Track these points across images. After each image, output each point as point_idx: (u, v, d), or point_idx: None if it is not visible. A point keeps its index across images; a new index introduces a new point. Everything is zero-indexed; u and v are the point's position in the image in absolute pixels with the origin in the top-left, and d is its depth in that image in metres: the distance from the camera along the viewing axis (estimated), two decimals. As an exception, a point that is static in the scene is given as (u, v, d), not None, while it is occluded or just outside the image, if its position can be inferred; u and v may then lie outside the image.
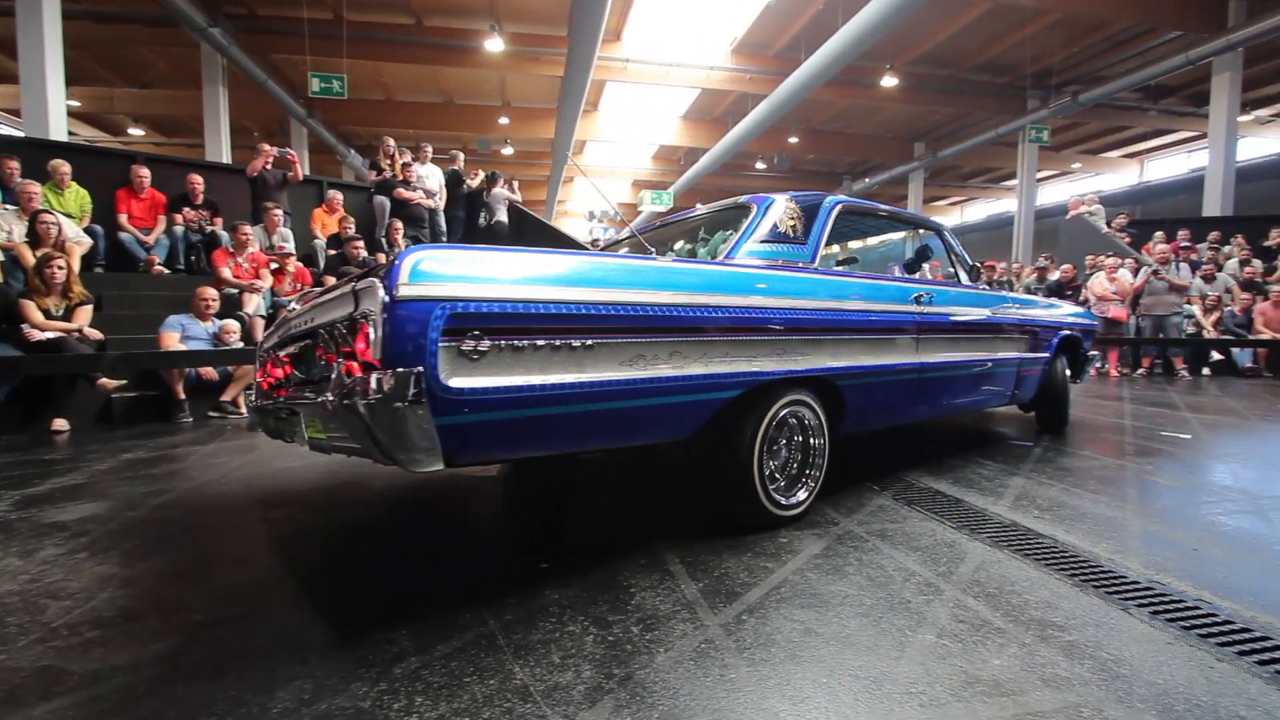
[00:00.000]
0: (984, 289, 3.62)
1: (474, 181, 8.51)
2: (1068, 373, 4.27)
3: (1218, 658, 1.40)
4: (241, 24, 13.23)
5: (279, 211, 6.75)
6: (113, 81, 16.38)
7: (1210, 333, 8.00)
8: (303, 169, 7.85)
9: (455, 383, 1.50)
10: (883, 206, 3.27)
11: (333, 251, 6.60)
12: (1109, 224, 10.66)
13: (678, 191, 22.38)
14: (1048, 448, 3.68)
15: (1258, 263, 9.02)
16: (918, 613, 1.63)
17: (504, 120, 18.49)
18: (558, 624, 1.58)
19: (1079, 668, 1.36)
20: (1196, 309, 8.10)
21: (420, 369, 1.45)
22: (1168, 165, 23.11)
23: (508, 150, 20.31)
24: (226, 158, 13.42)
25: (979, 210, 30.78)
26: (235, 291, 5.79)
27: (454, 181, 8.51)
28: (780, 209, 2.59)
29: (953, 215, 32.67)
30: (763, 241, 2.48)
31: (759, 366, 2.16)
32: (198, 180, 6.76)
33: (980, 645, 1.46)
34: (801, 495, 2.38)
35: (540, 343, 1.64)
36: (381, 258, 7.10)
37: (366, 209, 7.90)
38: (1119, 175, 24.48)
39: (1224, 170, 13.23)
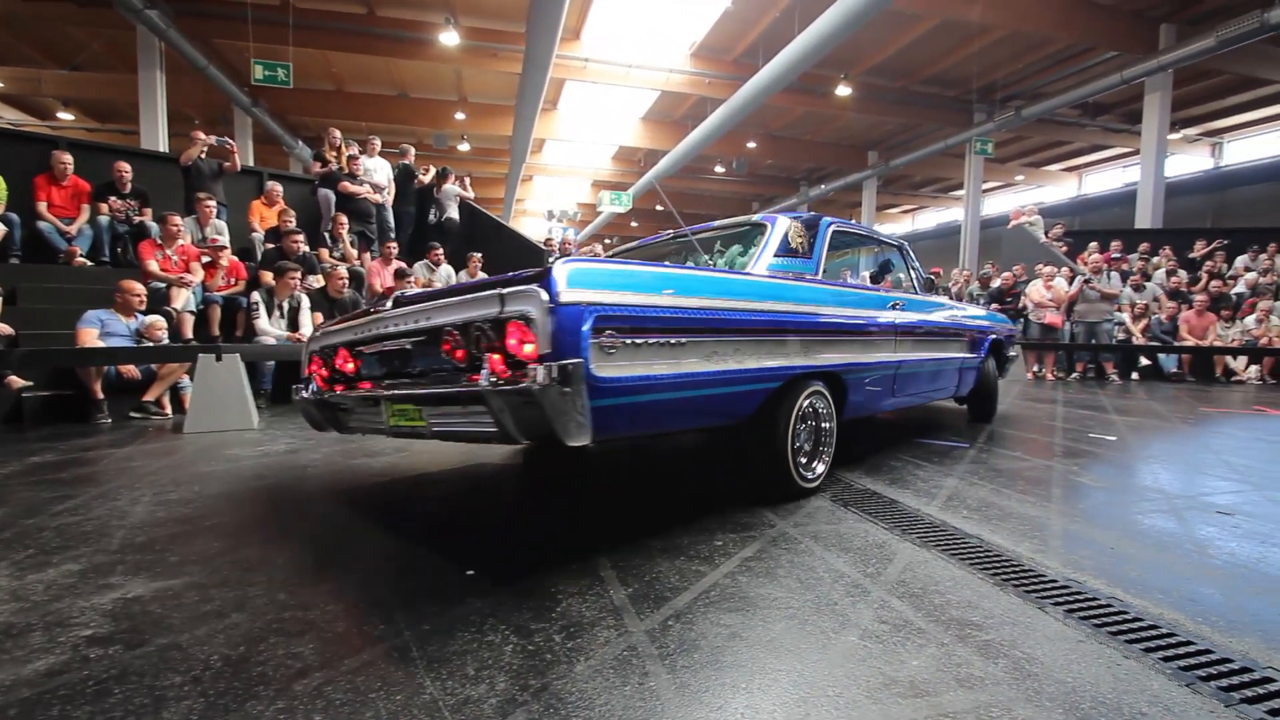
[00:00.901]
0: (939, 298, 4.17)
1: (425, 177, 8.31)
2: (995, 371, 4.90)
3: (1125, 655, 1.44)
4: (181, 6, 12.64)
5: (213, 202, 6.45)
6: (41, 62, 15.46)
7: (1139, 339, 8.41)
8: (247, 160, 7.54)
9: (600, 373, 1.79)
10: (861, 227, 3.74)
11: (271, 245, 6.34)
12: (1046, 234, 11.11)
13: (637, 193, 22.40)
14: (982, 449, 3.78)
15: (1183, 273, 9.53)
16: (843, 614, 1.63)
17: (460, 115, 18.17)
18: (477, 634, 1.53)
19: (993, 667, 1.38)
20: (1126, 316, 8.50)
21: (579, 360, 1.73)
22: (1104, 179, 24.27)
23: (464, 146, 19.97)
24: (163, 146, 12.80)
25: (930, 218, 31.74)
26: (163, 286, 5.50)
27: (405, 176, 8.30)
28: (789, 227, 2.99)
29: (904, 223, 33.61)
30: (777, 255, 2.86)
31: (794, 362, 2.59)
32: (125, 168, 6.41)
33: (900, 646, 1.47)
34: (819, 469, 2.80)
35: (651, 340, 1.96)
36: (325, 253, 6.87)
37: (311, 202, 7.63)
38: (1059, 187, 25.60)
39: (1154, 185, 13.96)
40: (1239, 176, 18.86)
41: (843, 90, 15.64)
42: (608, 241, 30.18)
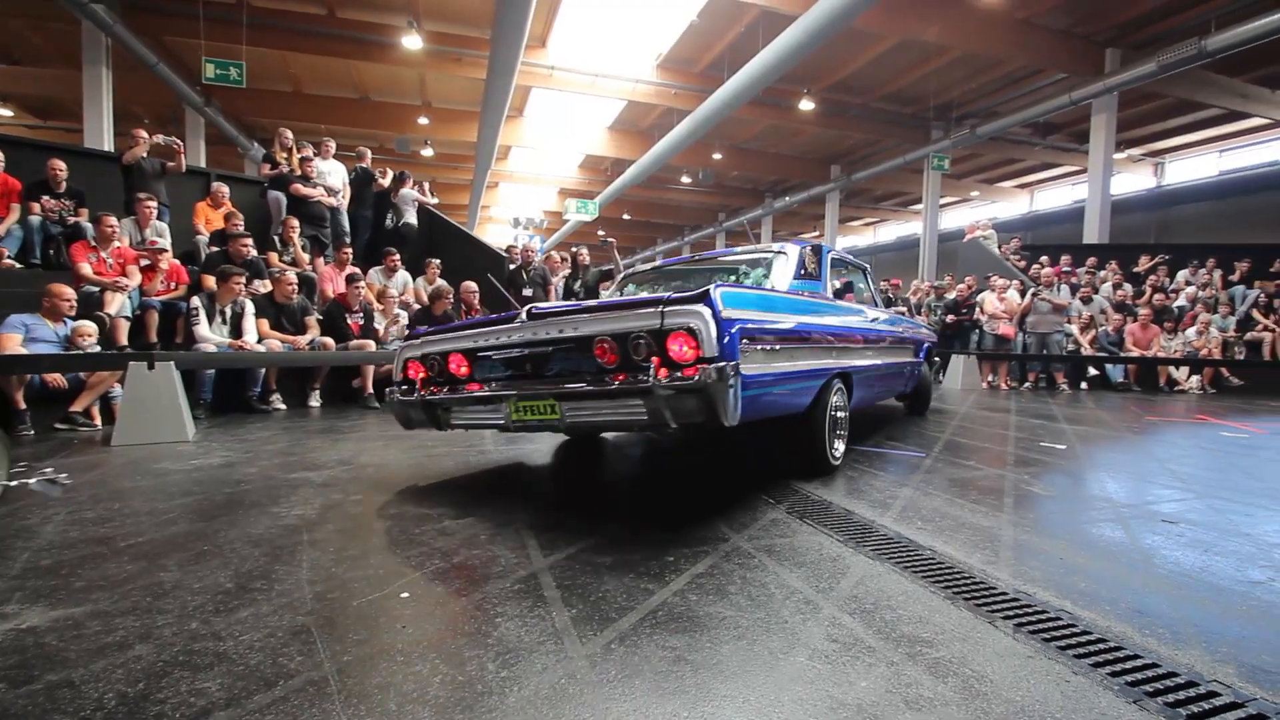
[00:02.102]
0: (896, 311, 5.51)
1: (384, 180, 8.11)
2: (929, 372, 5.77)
3: (1074, 670, 1.41)
4: (130, 1, 12.19)
5: (153, 203, 6.16)
6: (-24, 55, 14.71)
7: (1087, 350, 8.68)
8: (198, 161, 7.25)
9: (745, 371, 2.30)
10: (846, 254, 4.51)
11: (215, 249, 6.08)
12: (1000, 248, 11.43)
13: (603, 202, 22.38)
14: (937, 459, 3.80)
15: (1128, 287, 9.89)
16: (793, 633, 1.57)
17: (424, 120, 17.90)
18: (404, 663, 1.42)
19: (942, 687, 1.33)
20: (1075, 328, 8.76)
21: (735, 361, 2.24)
22: (1054, 196, 25.20)
23: (428, 152, 19.67)
24: (108, 145, 12.27)
25: (890, 231, 32.49)
26: (96, 290, 5.21)
27: (362, 180, 8.08)
28: (804, 253, 3.67)
29: (866, 235, 34.35)
30: (796, 278, 3.51)
31: (832, 364, 3.26)
32: (59, 166, 6.09)
33: (850, 666, 1.42)
34: (840, 449, 3.42)
35: (762, 347, 2.56)
36: (274, 257, 6.62)
37: (262, 205, 7.37)
38: (1012, 203, 26.49)
39: (1101, 202, 14.52)
40: (1179, 195, 19.77)
41: (806, 105, 15.91)
42: (574, 249, 30.10)
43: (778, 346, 2.69)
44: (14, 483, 2.79)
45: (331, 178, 7.73)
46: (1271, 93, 14.85)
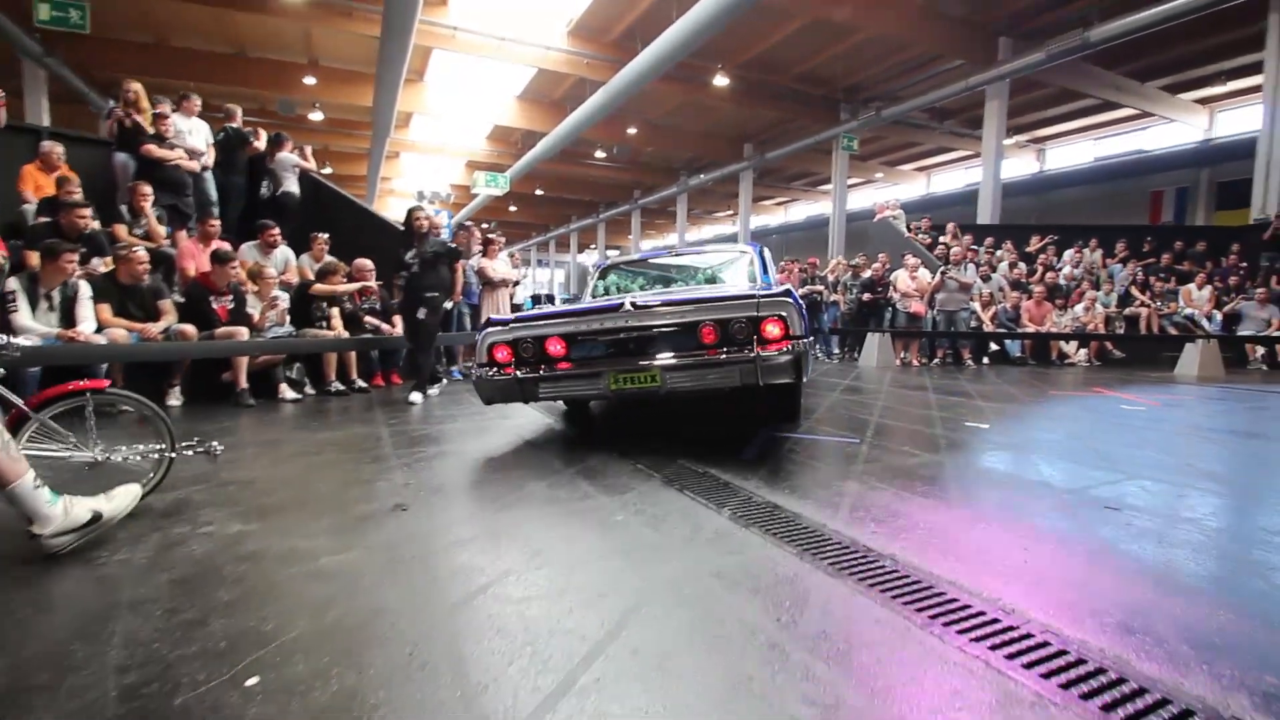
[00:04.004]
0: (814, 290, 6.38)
1: (259, 143, 7.12)
2: None
3: (1090, 722, 1.19)
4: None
5: (-45, 162, 5.03)
6: None
7: (989, 326, 9.06)
8: (41, 119, 6.01)
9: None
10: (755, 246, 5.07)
11: (44, 220, 5.06)
12: (909, 227, 11.77)
13: (515, 176, 21.41)
14: (873, 445, 3.66)
15: (1023, 265, 10.41)
16: (763, 696, 1.27)
17: (310, 80, 16.27)
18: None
19: (956, 770, 1.07)
20: (977, 305, 9.12)
21: (811, 338, 3.30)
22: (949, 179, 26.59)
23: (316, 115, 17.96)
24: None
25: (801, 210, 33.29)
26: (-128, 268, 4.16)
27: (233, 142, 7.05)
28: (759, 253, 4.74)
29: (778, 214, 35.08)
30: (760, 274, 4.48)
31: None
32: None
33: None
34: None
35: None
36: (122, 230, 5.63)
37: (110, 170, 6.27)
38: (911, 185, 27.74)
39: (993, 185, 15.31)
40: (1059, 180, 21.27)
41: (720, 81, 15.72)
42: (485, 225, 28.79)
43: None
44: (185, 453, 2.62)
45: (194, 138, 6.68)
46: (1141, 85, 16.11)
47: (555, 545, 2.11)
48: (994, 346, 9.19)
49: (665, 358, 3.17)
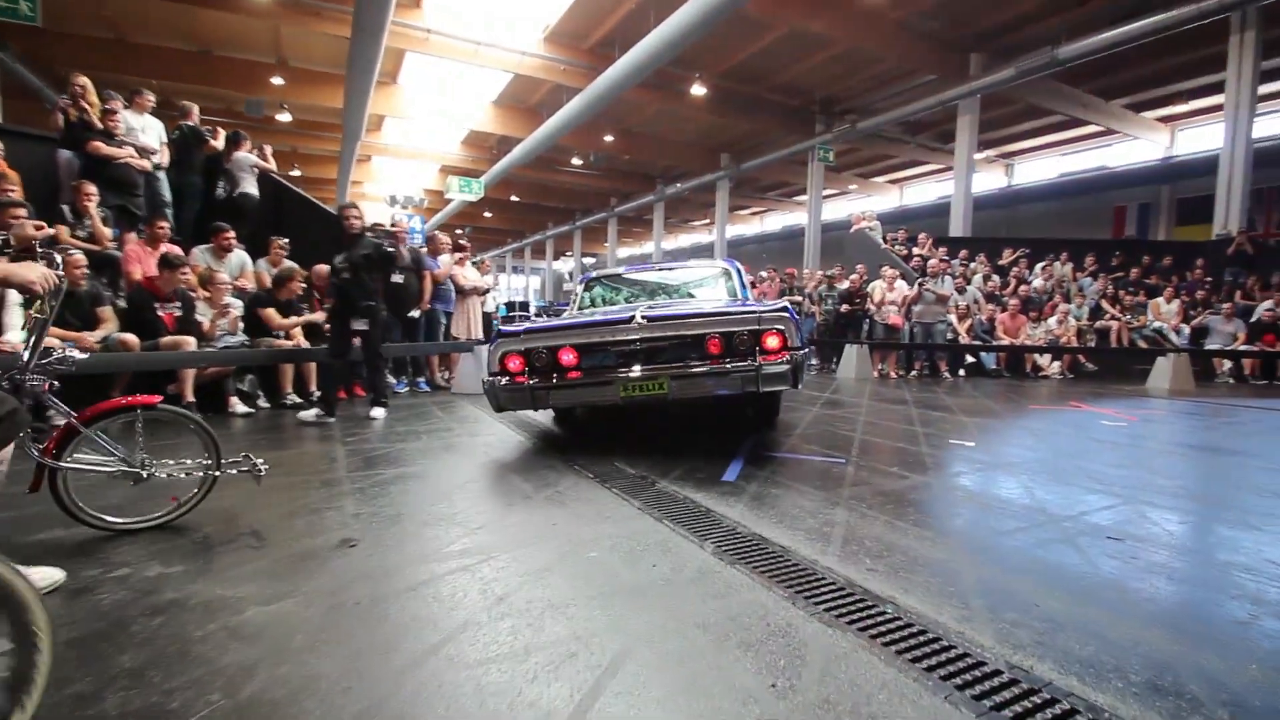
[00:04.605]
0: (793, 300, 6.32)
1: (217, 142, 6.76)
2: None
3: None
4: None
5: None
6: None
7: (965, 338, 9.05)
8: None
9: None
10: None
11: (-26, 219, 4.66)
12: (885, 239, 11.79)
13: (490, 181, 21.08)
14: (859, 465, 3.51)
15: (996, 278, 10.47)
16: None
17: (278, 81, 15.79)
18: None
19: None
20: (953, 317, 9.11)
21: (808, 349, 4.24)
22: (920, 192, 26.98)
23: (285, 117, 17.44)
24: None
25: (776, 221, 33.49)
26: None
27: (189, 140, 6.68)
28: (736, 270, 5.02)
29: (754, 224, 35.22)
30: (739, 289, 4.80)
31: None
32: None
33: None
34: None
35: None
36: (64, 231, 5.25)
37: (55, 166, 5.88)
38: (885, 197, 28.06)
39: (964, 198, 15.49)
40: (1026, 194, 21.67)
41: (698, 90, 15.65)
42: (458, 231, 28.32)
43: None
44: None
45: (146, 135, 6.31)
46: (1105, 103, 16.48)
47: (522, 589, 1.89)
48: (970, 359, 9.18)
49: (674, 367, 3.43)
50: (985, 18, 13.36)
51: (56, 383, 2.10)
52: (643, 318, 3.47)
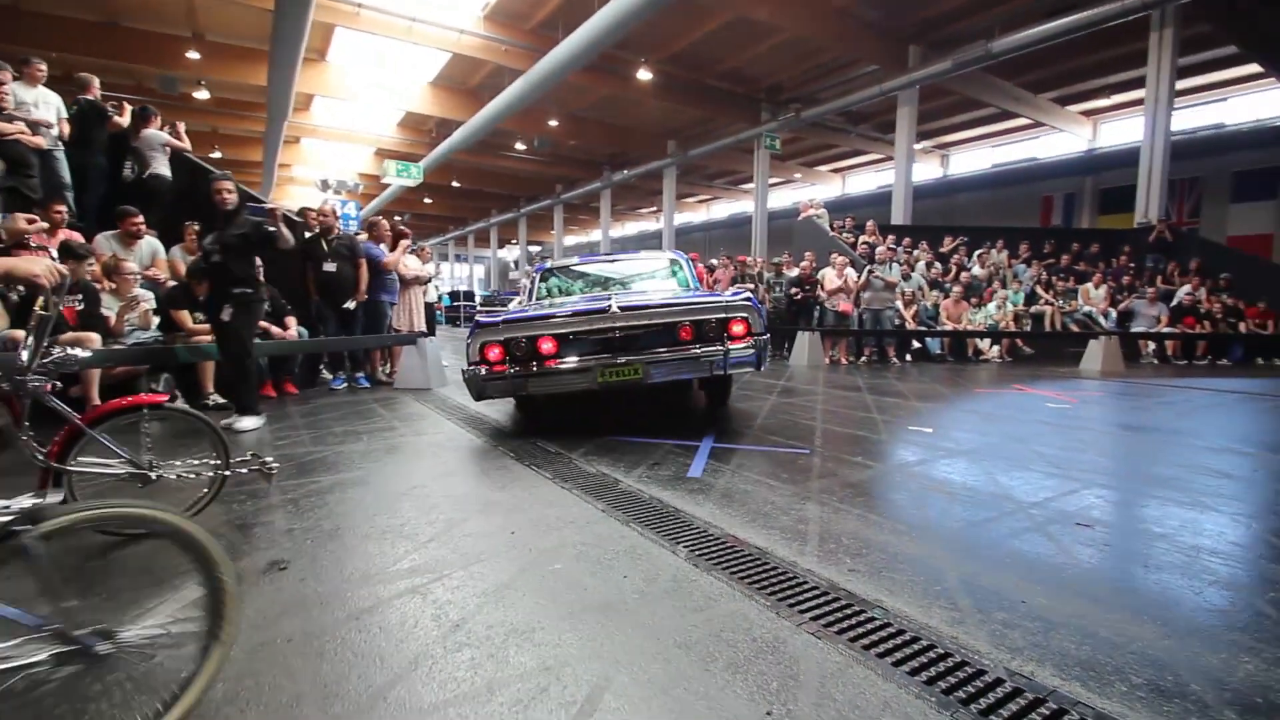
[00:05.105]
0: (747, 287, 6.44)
1: (122, 119, 6.14)
2: None
3: None
4: None
5: None
6: None
7: (911, 324, 9.23)
8: None
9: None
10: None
11: None
12: (832, 226, 11.92)
13: (429, 166, 20.28)
14: (824, 455, 3.44)
15: (939, 265, 10.73)
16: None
17: (194, 55, 14.64)
18: None
19: None
20: (900, 304, 9.27)
21: (768, 335, 4.21)
22: (861, 181, 27.58)
23: (202, 94, 16.25)
24: None
25: (723, 209, 33.66)
26: None
27: (89, 117, 6.03)
28: (686, 261, 5.27)
29: (700, 212, 35.31)
30: (690, 279, 5.04)
31: None
32: None
33: None
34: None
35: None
36: (-63, 215, 4.64)
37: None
38: (828, 186, 28.58)
39: (905, 187, 15.87)
40: (960, 184, 22.43)
41: (644, 74, 15.43)
42: (398, 218, 27.22)
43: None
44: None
45: (41, 110, 5.66)
46: (1034, 96, 17.16)
47: (480, 612, 1.70)
48: (915, 344, 9.38)
49: (647, 353, 3.62)
50: (921, 8, 13.63)
51: (59, 383, 1.95)
52: (619, 307, 3.60)
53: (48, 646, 1.07)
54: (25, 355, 1.78)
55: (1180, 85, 13.33)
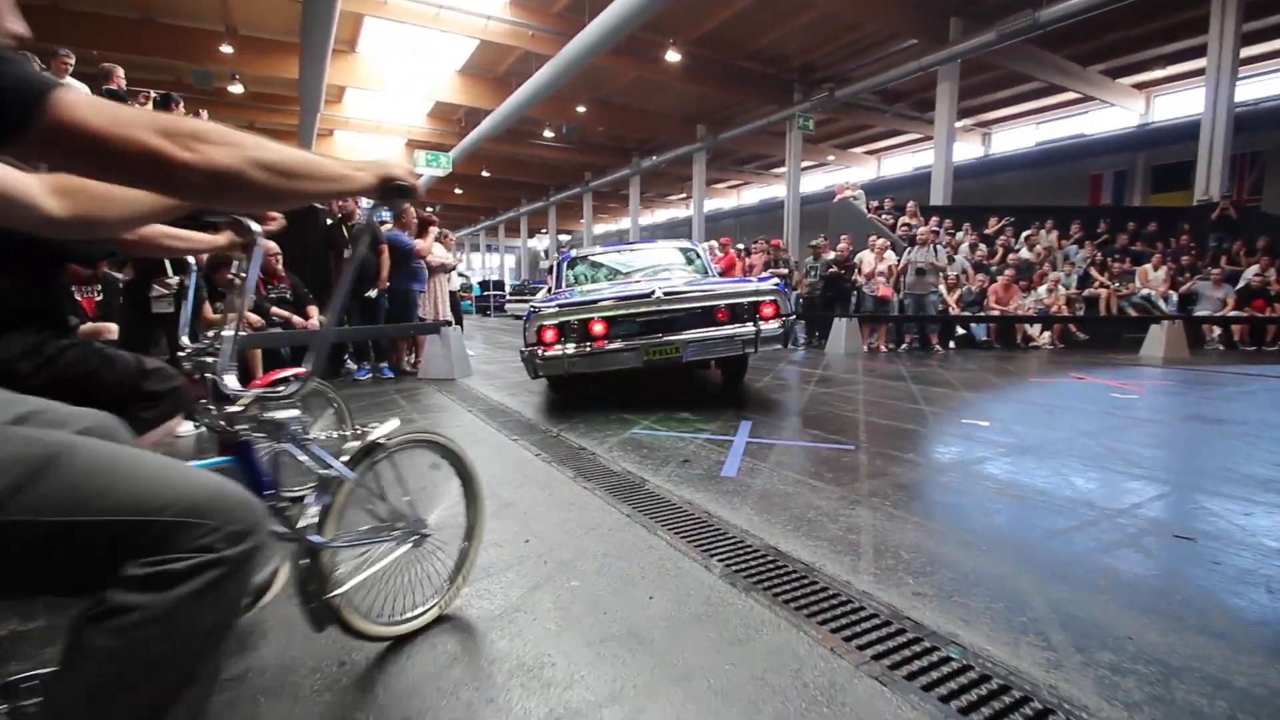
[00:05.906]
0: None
1: (146, 107, 6.10)
2: None
3: None
4: None
5: None
6: None
7: (955, 309, 8.76)
8: None
9: None
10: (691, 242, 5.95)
11: None
12: (869, 208, 11.43)
13: (458, 156, 20.20)
14: (870, 452, 3.14)
15: (984, 247, 10.19)
16: None
17: (227, 49, 14.75)
18: None
19: None
20: (943, 288, 8.81)
21: (795, 315, 4.84)
22: (898, 163, 26.67)
23: (236, 88, 16.38)
24: None
25: (753, 194, 32.98)
26: None
27: (114, 107, 6.02)
28: (701, 248, 5.72)
29: (730, 198, 34.69)
30: (708, 267, 5.48)
31: None
32: None
33: None
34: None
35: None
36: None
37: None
38: (863, 169, 27.71)
39: (945, 167, 15.18)
40: (1003, 163, 21.47)
41: (672, 56, 15.02)
42: (429, 209, 27.32)
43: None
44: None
45: (64, 101, 5.64)
46: (1083, 69, 16.21)
47: (484, 640, 1.48)
48: (960, 330, 8.91)
49: (686, 334, 4.02)
50: (965, -22, 12.92)
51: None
52: (663, 293, 3.98)
53: (409, 535, 1.47)
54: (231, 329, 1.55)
55: (1243, 53, 12.40)
